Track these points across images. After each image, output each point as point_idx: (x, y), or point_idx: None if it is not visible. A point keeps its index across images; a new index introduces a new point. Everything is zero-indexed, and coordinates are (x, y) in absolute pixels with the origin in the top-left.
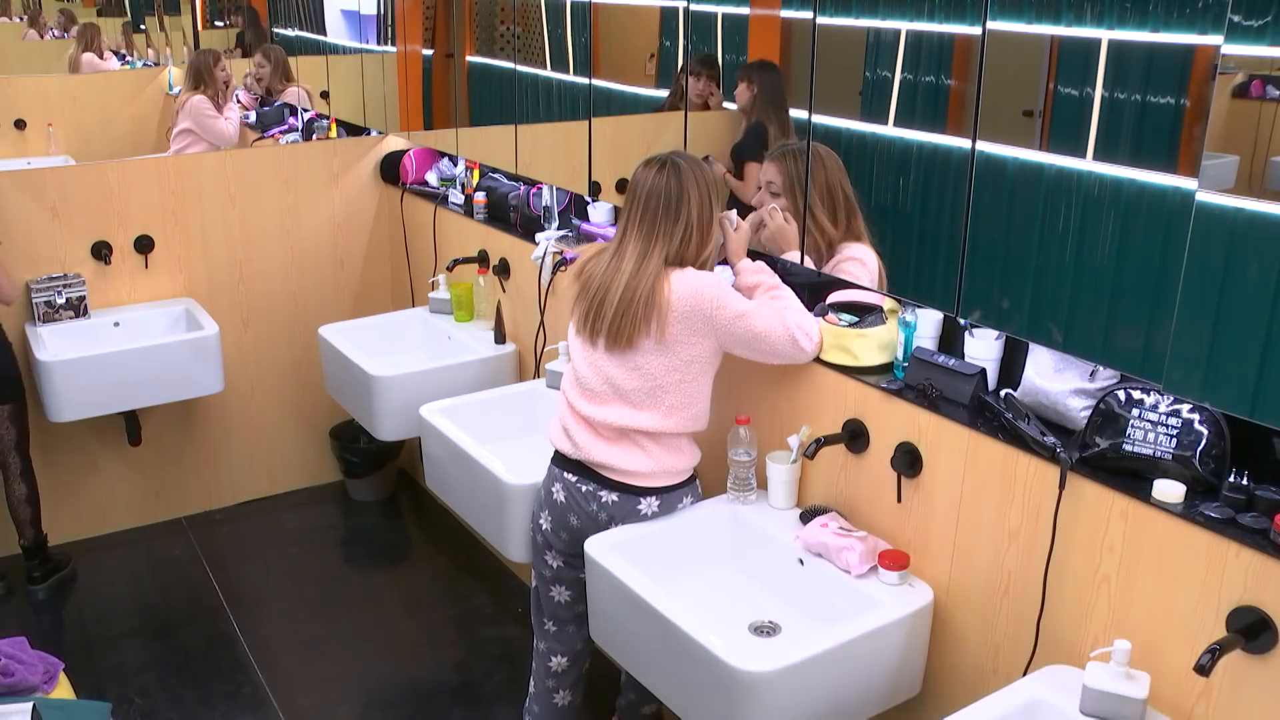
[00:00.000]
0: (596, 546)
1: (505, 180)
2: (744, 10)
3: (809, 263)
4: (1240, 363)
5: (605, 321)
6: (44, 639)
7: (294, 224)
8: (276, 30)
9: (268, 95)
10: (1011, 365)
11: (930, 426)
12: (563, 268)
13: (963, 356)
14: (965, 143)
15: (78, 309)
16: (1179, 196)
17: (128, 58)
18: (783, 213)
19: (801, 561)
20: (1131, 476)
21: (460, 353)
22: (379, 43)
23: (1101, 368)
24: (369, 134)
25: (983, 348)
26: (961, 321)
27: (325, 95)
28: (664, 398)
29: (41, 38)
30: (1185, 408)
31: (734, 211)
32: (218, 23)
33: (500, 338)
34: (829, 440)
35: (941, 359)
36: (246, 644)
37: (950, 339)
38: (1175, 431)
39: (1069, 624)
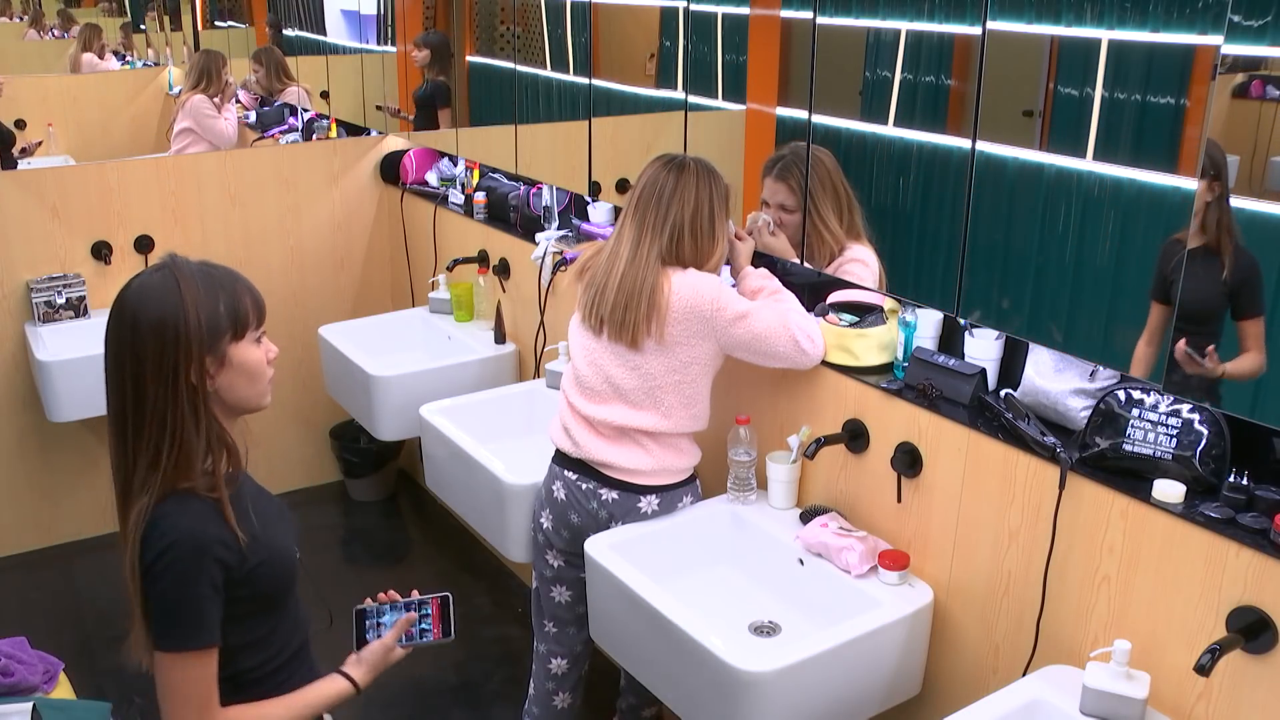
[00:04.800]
0: (596, 546)
1: (505, 180)
2: (744, 10)
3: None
4: None
5: (607, 307)
6: (44, 639)
7: (294, 224)
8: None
9: (268, 96)
10: (1011, 365)
11: (930, 426)
12: (563, 268)
13: (963, 356)
14: (965, 143)
15: (78, 309)
16: (1179, 196)
17: (128, 58)
18: (769, 228)
19: (801, 561)
20: (1131, 476)
21: (460, 353)
22: (379, 43)
23: (1101, 368)
24: (369, 134)
25: (983, 348)
26: (961, 321)
27: (325, 95)
28: (662, 398)
29: (42, 38)
30: (1185, 408)
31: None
32: (218, 23)
33: (500, 338)
34: (829, 440)
35: (941, 359)
36: None
37: (950, 339)
38: (1175, 431)
39: (1069, 624)
